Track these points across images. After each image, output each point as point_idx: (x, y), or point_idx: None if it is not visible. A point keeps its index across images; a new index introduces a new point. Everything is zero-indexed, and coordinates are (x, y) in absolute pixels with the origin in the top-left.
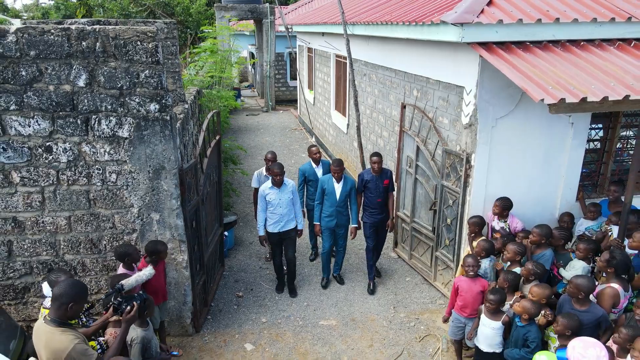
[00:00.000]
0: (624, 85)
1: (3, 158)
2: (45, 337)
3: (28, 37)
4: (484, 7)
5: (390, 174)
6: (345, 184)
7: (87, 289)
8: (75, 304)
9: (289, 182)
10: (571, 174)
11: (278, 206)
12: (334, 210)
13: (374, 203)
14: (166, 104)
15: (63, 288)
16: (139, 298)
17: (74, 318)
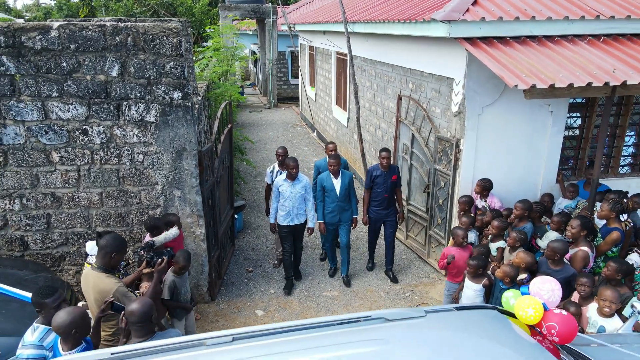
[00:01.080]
0: (589, 74)
1: (45, 139)
2: (93, 281)
3: (69, 33)
4: (469, 7)
5: (398, 170)
6: (344, 178)
7: (126, 243)
8: (117, 254)
9: (303, 178)
10: (551, 158)
11: (288, 199)
12: (336, 205)
13: (381, 198)
14: (188, 92)
15: (108, 240)
16: (167, 253)
17: (116, 267)
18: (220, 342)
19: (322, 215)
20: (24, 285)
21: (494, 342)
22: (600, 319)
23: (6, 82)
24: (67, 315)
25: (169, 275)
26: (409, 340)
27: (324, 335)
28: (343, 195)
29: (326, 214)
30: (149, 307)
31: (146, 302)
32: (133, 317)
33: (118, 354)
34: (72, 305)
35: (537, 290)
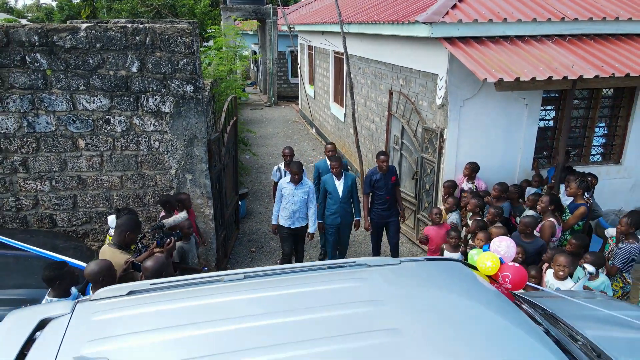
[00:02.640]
0: (550, 69)
1: (72, 128)
2: (109, 255)
3: (95, 33)
4: (448, 10)
5: (395, 170)
6: (346, 180)
7: (140, 224)
8: (131, 232)
9: (307, 183)
10: (527, 147)
11: (290, 202)
12: (339, 207)
13: (384, 200)
14: (199, 86)
15: (123, 220)
16: (175, 235)
17: (130, 244)
18: (234, 279)
19: (322, 214)
20: (58, 250)
21: (455, 283)
22: (556, 282)
23: (39, 76)
24: (96, 266)
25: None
26: (385, 280)
27: (317, 275)
28: (345, 197)
29: (328, 216)
30: (161, 264)
31: (159, 259)
32: (147, 272)
33: (156, 284)
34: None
35: (495, 247)
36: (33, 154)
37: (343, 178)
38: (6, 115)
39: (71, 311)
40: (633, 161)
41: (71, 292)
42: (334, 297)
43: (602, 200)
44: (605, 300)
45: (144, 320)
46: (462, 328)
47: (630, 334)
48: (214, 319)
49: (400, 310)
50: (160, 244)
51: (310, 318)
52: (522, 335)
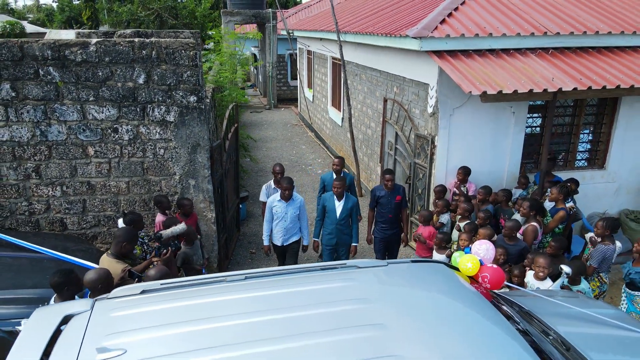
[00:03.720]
0: (532, 82)
1: (83, 136)
2: (106, 264)
3: (104, 47)
4: (437, 25)
5: (403, 190)
6: (347, 202)
7: (137, 235)
8: (128, 243)
9: (298, 198)
10: (514, 153)
11: (283, 220)
12: (335, 228)
13: (386, 218)
14: (202, 96)
15: (120, 231)
16: (173, 245)
17: (127, 254)
18: (236, 279)
19: (319, 233)
20: (69, 252)
21: (437, 283)
22: (536, 282)
23: (52, 88)
24: (94, 274)
25: (182, 247)
26: (373, 280)
27: (311, 276)
28: (343, 219)
29: (324, 235)
30: (163, 274)
31: (161, 269)
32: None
33: (166, 284)
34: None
35: (476, 250)
36: (45, 161)
37: (344, 199)
38: (20, 125)
39: (91, 308)
40: (616, 166)
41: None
42: (326, 296)
43: (587, 203)
44: (579, 299)
45: (156, 317)
46: (441, 323)
47: (598, 329)
48: (218, 315)
49: (385, 308)
50: (158, 254)
51: (304, 314)
52: (494, 330)
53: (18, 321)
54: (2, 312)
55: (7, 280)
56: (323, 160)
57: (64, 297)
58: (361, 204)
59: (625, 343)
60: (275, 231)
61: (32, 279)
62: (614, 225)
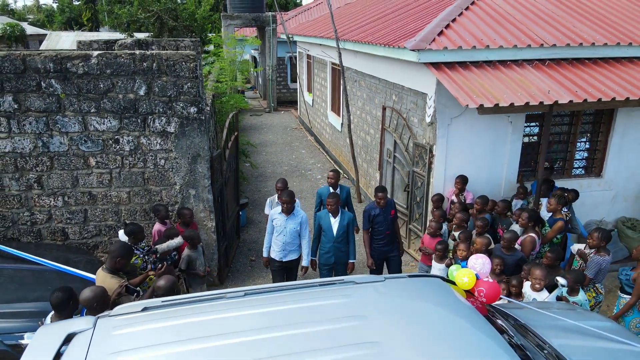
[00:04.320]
0: (528, 94)
1: (84, 147)
2: (101, 279)
3: (105, 60)
4: (435, 37)
5: (393, 203)
6: (342, 219)
7: (132, 250)
8: (122, 259)
9: (299, 214)
10: (512, 162)
11: (282, 234)
12: (332, 246)
13: (383, 235)
14: (202, 107)
15: (114, 247)
16: (169, 260)
17: (121, 269)
18: (235, 296)
19: (315, 252)
20: (71, 263)
21: (434, 298)
22: (533, 293)
23: (54, 100)
24: (90, 292)
25: (185, 250)
26: (369, 296)
27: (310, 292)
28: (340, 237)
29: (322, 254)
30: (172, 283)
31: (170, 279)
32: (160, 291)
33: (166, 301)
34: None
35: (472, 264)
36: (47, 171)
37: (339, 216)
38: (23, 136)
39: (93, 326)
40: (613, 174)
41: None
42: (324, 313)
43: (584, 211)
44: (575, 312)
45: (158, 335)
46: (436, 341)
47: (593, 342)
48: (219, 333)
49: (381, 324)
50: (154, 268)
51: (303, 332)
52: (488, 348)
53: (21, 335)
54: (6, 325)
55: (10, 293)
56: (322, 165)
57: (62, 315)
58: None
59: (619, 356)
60: (274, 245)
61: (34, 292)
62: (608, 237)
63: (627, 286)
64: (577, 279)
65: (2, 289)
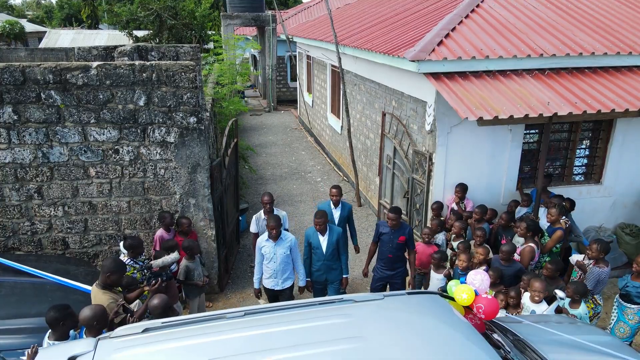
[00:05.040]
0: (528, 105)
1: (84, 158)
2: (93, 295)
3: (105, 71)
4: (435, 47)
5: (410, 232)
6: (331, 235)
7: (124, 266)
8: (113, 274)
9: (287, 237)
10: (511, 169)
11: (272, 261)
12: (323, 264)
13: (385, 257)
14: (202, 117)
15: (106, 263)
16: (164, 276)
17: (115, 285)
18: (235, 316)
19: (309, 272)
20: (71, 276)
21: (431, 316)
22: (532, 305)
23: (53, 111)
24: (90, 311)
25: (183, 261)
26: (369, 314)
27: (310, 311)
28: (330, 254)
29: (313, 272)
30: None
31: (162, 298)
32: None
33: (167, 322)
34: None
35: (471, 280)
36: (47, 182)
37: (327, 233)
38: (23, 147)
39: (94, 348)
40: (612, 181)
41: (69, 335)
42: (323, 334)
43: (584, 217)
44: (575, 325)
45: (159, 358)
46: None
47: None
48: (220, 356)
49: (379, 346)
50: (149, 284)
51: (303, 355)
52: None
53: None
54: (7, 342)
55: (11, 309)
56: (322, 167)
57: (59, 332)
58: (359, 218)
59: None
60: (266, 273)
61: (35, 307)
62: (607, 248)
63: (638, 297)
64: (578, 291)
65: (3, 303)
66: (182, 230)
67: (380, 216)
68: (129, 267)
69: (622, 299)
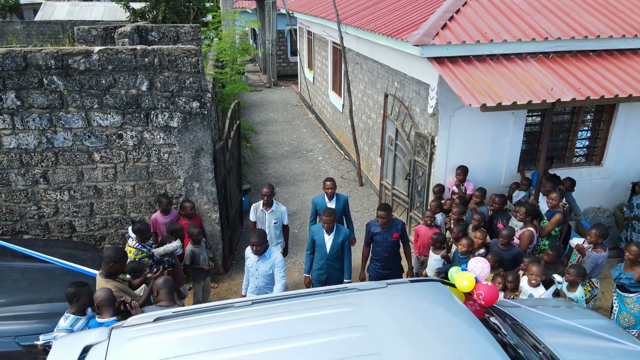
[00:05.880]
0: (531, 91)
1: (88, 143)
2: (97, 284)
3: (106, 56)
4: (439, 30)
5: (402, 226)
6: (337, 235)
7: (125, 255)
8: (115, 264)
9: (272, 255)
10: (513, 151)
11: (254, 277)
12: (325, 263)
13: (381, 257)
14: (204, 102)
15: (107, 253)
16: (166, 263)
17: (117, 273)
18: (243, 305)
19: (309, 268)
20: (80, 261)
21: (433, 303)
22: (530, 288)
23: (56, 97)
24: (103, 293)
25: (189, 246)
26: (372, 303)
27: (315, 300)
28: (334, 255)
29: (314, 270)
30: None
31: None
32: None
33: (177, 311)
34: None
35: (472, 267)
36: (52, 167)
37: (334, 233)
38: (27, 133)
39: (108, 337)
40: (613, 162)
41: (87, 311)
42: (329, 323)
43: (583, 198)
44: (572, 309)
45: (170, 347)
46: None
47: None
48: (229, 345)
49: (382, 334)
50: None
51: (309, 344)
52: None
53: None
54: (21, 327)
55: (24, 294)
56: (323, 145)
57: (75, 307)
58: (361, 198)
59: (611, 355)
60: (250, 285)
61: (46, 293)
62: (606, 234)
63: (633, 286)
64: (579, 274)
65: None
66: (185, 213)
67: (382, 197)
68: (137, 251)
69: (619, 289)
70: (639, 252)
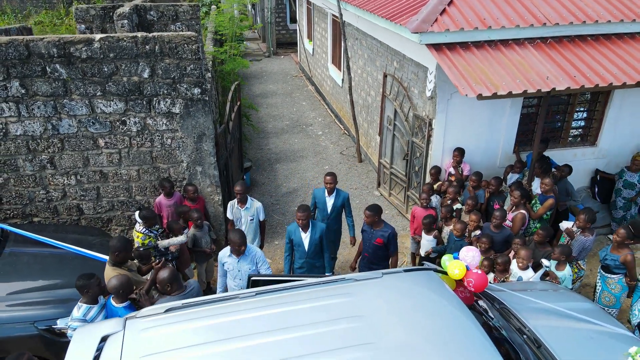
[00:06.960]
0: (527, 80)
1: (93, 129)
2: (105, 273)
3: (108, 44)
4: (437, 17)
5: (390, 235)
6: (314, 232)
7: (130, 243)
8: (120, 253)
9: (252, 252)
10: (509, 133)
11: (237, 278)
12: (305, 262)
13: (363, 255)
14: (205, 88)
15: (112, 242)
16: (170, 256)
17: (123, 262)
18: (247, 296)
19: (289, 270)
20: (91, 247)
21: (426, 291)
22: (519, 271)
23: (60, 85)
24: (116, 280)
25: (191, 230)
26: (368, 293)
27: (315, 290)
28: (312, 252)
29: (295, 269)
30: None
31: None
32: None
33: (186, 303)
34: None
35: (463, 256)
36: (59, 152)
37: (310, 230)
38: (32, 120)
39: (123, 328)
40: (608, 143)
41: (99, 300)
42: (328, 313)
43: (577, 178)
44: (558, 293)
45: (181, 336)
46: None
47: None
48: (236, 335)
49: (379, 324)
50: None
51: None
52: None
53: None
54: (39, 313)
55: (39, 279)
56: (323, 119)
57: (87, 297)
58: (360, 174)
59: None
60: (231, 290)
61: (60, 279)
62: (594, 219)
63: (617, 268)
64: (564, 252)
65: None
66: (188, 196)
67: (380, 175)
68: (145, 236)
69: (603, 270)
70: (626, 235)
